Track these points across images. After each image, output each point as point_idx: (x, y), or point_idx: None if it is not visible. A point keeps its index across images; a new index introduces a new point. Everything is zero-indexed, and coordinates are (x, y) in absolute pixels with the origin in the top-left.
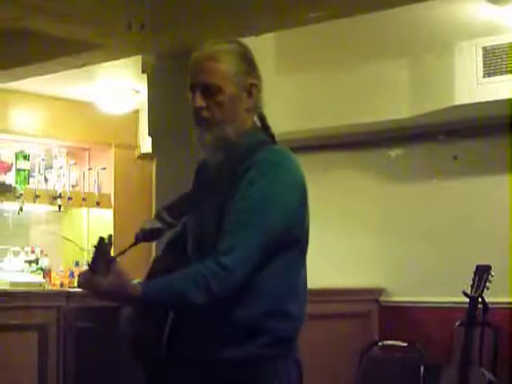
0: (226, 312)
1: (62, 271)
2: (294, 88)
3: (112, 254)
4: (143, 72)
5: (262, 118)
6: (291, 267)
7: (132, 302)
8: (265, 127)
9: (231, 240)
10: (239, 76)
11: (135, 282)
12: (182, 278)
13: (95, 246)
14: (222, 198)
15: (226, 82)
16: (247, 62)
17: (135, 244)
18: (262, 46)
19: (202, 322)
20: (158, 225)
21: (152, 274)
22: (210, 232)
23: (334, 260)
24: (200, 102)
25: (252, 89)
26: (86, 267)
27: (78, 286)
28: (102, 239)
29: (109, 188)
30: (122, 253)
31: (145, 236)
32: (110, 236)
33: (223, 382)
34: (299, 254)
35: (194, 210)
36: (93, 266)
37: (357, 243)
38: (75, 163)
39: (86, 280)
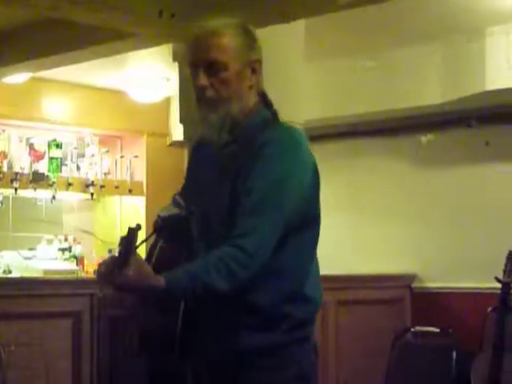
0: (245, 299)
1: (95, 259)
2: (323, 75)
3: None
4: (174, 60)
5: (264, 95)
6: (306, 249)
7: (155, 293)
8: (267, 104)
9: (250, 222)
10: (243, 51)
11: None
12: (205, 267)
13: (124, 237)
14: (233, 180)
15: (230, 57)
16: (250, 37)
17: (155, 232)
18: (291, 33)
19: (219, 311)
20: (176, 210)
21: (158, 263)
22: (220, 218)
23: (367, 246)
24: (204, 80)
25: (255, 65)
26: (106, 257)
27: (98, 278)
28: (131, 229)
29: (141, 176)
30: (142, 242)
31: (164, 223)
32: (139, 225)
33: (244, 372)
34: (314, 236)
35: (201, 195)
36: (123, 257)
37: (389, 229)
38: (107, 151)
39: (106, 271)
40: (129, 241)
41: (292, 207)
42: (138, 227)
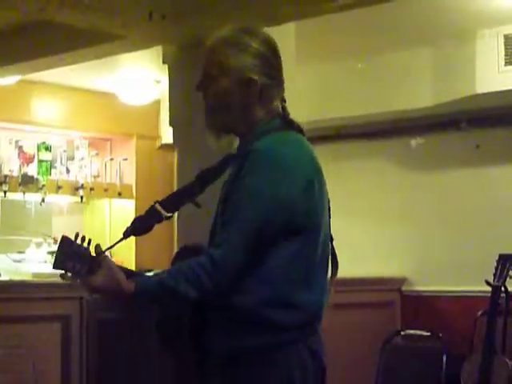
0: (230, 302)
1: None
2: (315, 77)
3: (101, 249)
4: (164, 62)
5: (285, 114)
6: (298, 255)
7: (125, 298)
8: (289, 124)
9: (221, 234)
10: (239, 69)
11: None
12: (175, 275)
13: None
14: (224, 191)
15: (221, 72)
16: (258, 57)
17: (123, 239)
18: (283, 35)
19: (210, 312)
20: (151, 220)
21: None
22: (216, 228)
23: (356, 249)
24: (198, 88)
25: (251, 83)
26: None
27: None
28: (63, 238)
29: (130, 178)
30: (110, 248)
31: (134, 232)
32: (77, 236)
33: (232, 374)
34: (309, 241)
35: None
36: (53, 266)
37: (379, 233)
38: (97, 154)
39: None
40: (64, 249)
41: (267, 219)
42: (76, 235)
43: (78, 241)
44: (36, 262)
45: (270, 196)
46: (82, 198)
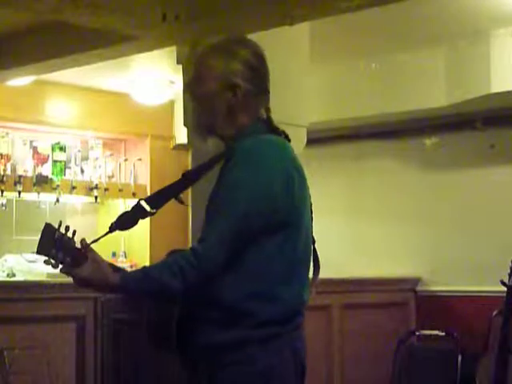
0: (213, 295)
1: None
2: (328, 77)
3: (87, 241)
4: (178, 63)
5: (269, 121)
6: (279, 251)
7: (111, 290)
8: (273, 129)
9: (206, 229)
10: (224, 74)
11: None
12: (160, 267)
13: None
14: (214, 188)
15: (208, 76)
16: (243, 64)
17: (109, 233)
18: (296, 36)
19: (194, 306)
20: (136, 215)
21: None
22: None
23: (371, 250)
24: (185, 90)
25: (236, 89)
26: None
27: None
28: (47, 225)
29: (145, 179)
30: (95, 241)
31: (120, 226)
32: (61, 224)
33: (215, 366)
34: (290, 238)
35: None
36: (37, 251)
37: (393, 233)
38: (111, 154)
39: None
40: (47, 236)
41: (248, 213)
42: (60, 224)
43: (62, 230)
44: None
45: (252, 192)
46: (96, 198)
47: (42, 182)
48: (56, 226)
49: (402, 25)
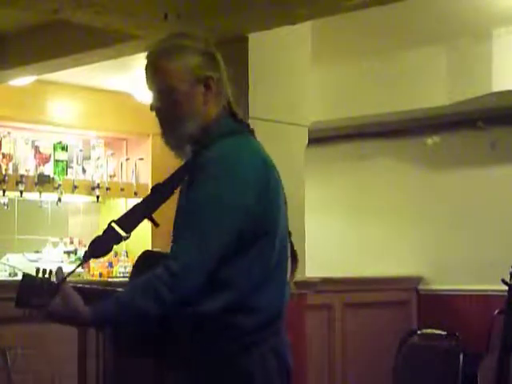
0: (192, 309)
1: (101, 261)
2: (330, 77)
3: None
4: None
5: (230, 105)
6: (257, 260)
7: (83, 324)
8: (232, 114)
9: (179, 245)
10: (191, 71)
11: None
12: (130, 291)
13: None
14: (182, 196)
15: (176, 80)
16: (200, 55)
17: (83, 263)
18: (298, 35)
19: (173, 320)
20: (109, 241)
21: None
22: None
23: (373, 249)
24: (155, 103)
25: (208, 81)
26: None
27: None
28: (26, 276)
29: (146, 178)
30: (69, 274)
31: (93, 254)
32: (43, 270)
33: (199, 378)
34: (265, 247)
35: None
36: (17, 300)
37: (395, 232)
38: (113, 154)
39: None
40: (27, 286)
41: (226, 228)
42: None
43: (40, 274)
44: (52, 262)
45: (228, 205)
46: (98, 197)
47: (43, 182)
48: (33, 273)
49: (404, 24)
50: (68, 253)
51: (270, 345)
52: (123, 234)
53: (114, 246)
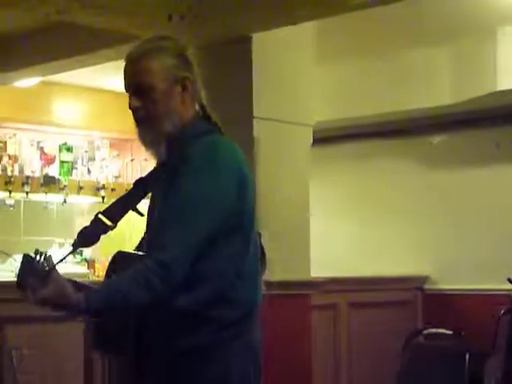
0: (170, 303)
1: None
2: (334, 76)
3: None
4: None
5: (203, 108)
6: (235, 253)
7: (75, 311)
8: (206, 116)
9: (165, 237)
10: (170, 71)
11: None
12: (124, 282)
13: (21, 263)
14: (162, 195)
15: (155, 78)
16: (178, 56)
17: (72, 251)
18: (301, 35)
19: (153, 314)
20: (96, 231)
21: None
22: (154, 232)
23: (378, 248)
24: (134, 102)
25: (185, 81)
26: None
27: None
28: (25, 256)
29: None
30: (61, 261)
31: (82, 243)
32: (39, 252)
33: (176, 372)
34: (241, 240)
35: (149, 210)
36: (18, 281)
37: (400, 231)
38: (118, 154)
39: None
40: (28, 267)
41: (207, 223)
42: (37, 253)
43: (38, 256)
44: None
45: (212, 202)
46: (103, 198)
47: (49, 183)
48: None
49: (408, 23)
50: (74, 253)
51: (244, 340)
52: (109, 223)
53: (118, 248)
